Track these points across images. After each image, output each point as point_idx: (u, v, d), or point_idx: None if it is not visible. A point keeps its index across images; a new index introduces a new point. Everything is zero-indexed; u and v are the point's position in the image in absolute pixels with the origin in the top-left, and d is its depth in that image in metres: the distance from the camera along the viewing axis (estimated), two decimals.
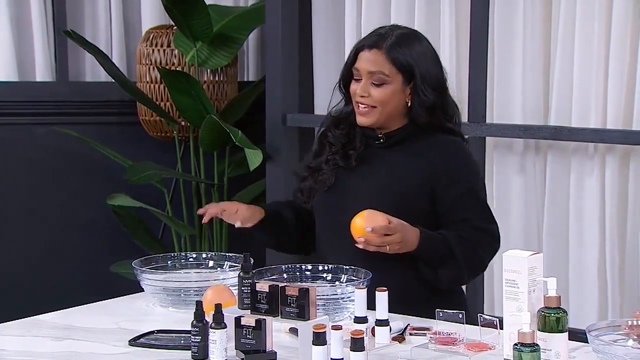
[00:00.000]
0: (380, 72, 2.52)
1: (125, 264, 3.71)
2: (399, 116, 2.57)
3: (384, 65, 2.52)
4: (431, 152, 2.55)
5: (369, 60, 2.53)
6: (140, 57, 4.06)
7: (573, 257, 3.45)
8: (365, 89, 2.53)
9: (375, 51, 2.52)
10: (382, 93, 2.52)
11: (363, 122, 2.56)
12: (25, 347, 2.20)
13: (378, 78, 2.52)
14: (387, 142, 2.59)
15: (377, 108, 2.54)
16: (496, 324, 2.08)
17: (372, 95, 2.53)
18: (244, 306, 2.26)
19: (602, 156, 3.38)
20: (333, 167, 2.62)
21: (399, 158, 2.57)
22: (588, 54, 3.35)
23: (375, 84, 2.53)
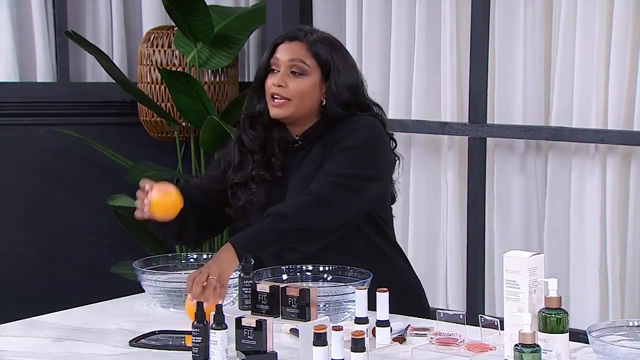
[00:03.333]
0: (301, 60, 2.49)
1: (126, 265, 3.71)
2: (312, 114, 2.52)
3: (305, 56, 2.49)
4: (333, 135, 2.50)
5: (289, 50, 2.50)
6: (141, 58, 4.06)
7: (574, 257, 3.44)
8: (282, 78, 2.49)
9: (296, 42, 2.51)
10: (300, 84, 2.48)
11: (277, 113, 2.49)
12: (26, 347, 2.20)
13: (299, 67, 2.48)
14: (305, 142, 2.54)
15: (292, 101, 2.48)
16: (497, 325, 2.08)
17: (289, 86, 2.48)
18: (244, 307, 2.26)
19: (602, 157, 3.38)
20: (261, 184, 2.53)
21: (318, 158, 2.51)
22: (589, 55, 3.35)
23: (294, 74, 2.49)
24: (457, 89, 3.62)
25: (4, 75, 4.13)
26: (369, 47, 3.76)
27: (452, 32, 3.59)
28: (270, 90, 2.50)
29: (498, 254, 3.56)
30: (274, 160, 2.53)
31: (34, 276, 4.14)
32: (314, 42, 2.51)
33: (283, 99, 2.48)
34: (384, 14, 3.74)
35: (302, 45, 2.50)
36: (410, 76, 3.70)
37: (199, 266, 2.63)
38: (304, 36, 2.52)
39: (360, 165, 2.44)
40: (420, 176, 3.69)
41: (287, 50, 2.50)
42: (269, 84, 2.51)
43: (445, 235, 3.67)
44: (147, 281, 2.49)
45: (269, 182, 2.52)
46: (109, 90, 4.16)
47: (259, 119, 2.56)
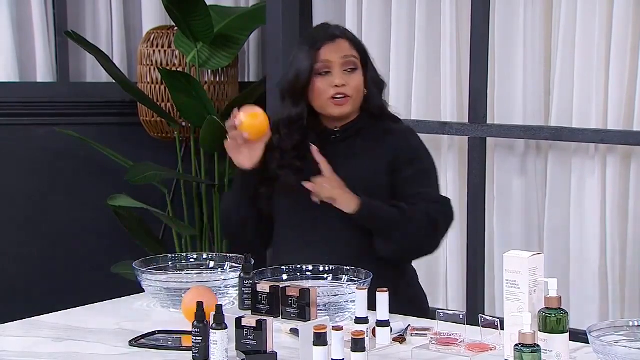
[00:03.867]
0: (352, 55, 2.58)
1: (126, 265, 3.71)
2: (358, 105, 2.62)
3: (352, 50, 2.59)
4: (389, 139, 2.61)
5: (337, 49, 2.58)
6: (141, 58, 4.06)
7: (574, 257, 3.44)
8: (342, 77, 2.56)
9: (339, 40, 2.59)
10: (356, 79, 2.59)
11: (342, 111, 2.58)
12: (26, 348, 2.20)
13: (352, 62, 2.58)
14: (343, 135, 2.61)
15: (352, 97, 2.57)
16: (497, 325, 2.08)
17: (348, 83, 2.57)
18: (244, 307, 2.26)
19: (603, 157, 3.38)
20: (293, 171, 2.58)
21: (355, 149, 2.60)
22: (589, 55, 3.35)
23: (349, 71, 2.57)
24: (457, 89, 3.62)
25: (4, 75, 4.13)
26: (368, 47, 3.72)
27: (452, 32, 3.59)
28: (330, 92, 2.56)
29: (498, 254, 3.56)
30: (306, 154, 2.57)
31: (34, 276, 4.14)
32: (351, 36, 2.63)
33: (345, 97, 2.57)
34: (384, 14, 3.74)
35: (345, 41, 2.60)
36: (410, 76, 3.70)
37: (198, 266, 2.64)
38: (342, 33, 2.61)
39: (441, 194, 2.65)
40: None
41: (334, 49, 2.58)
42: (324, 86, 2.57)
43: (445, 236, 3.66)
44: (147, 281, 2.49)
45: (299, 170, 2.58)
46: (109, 90, 4.16)
47: (298, 122, 2.60)
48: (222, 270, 2.59)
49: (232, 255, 2.63)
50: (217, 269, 2.61)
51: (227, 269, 2.59)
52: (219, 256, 2.66)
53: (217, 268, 2.62)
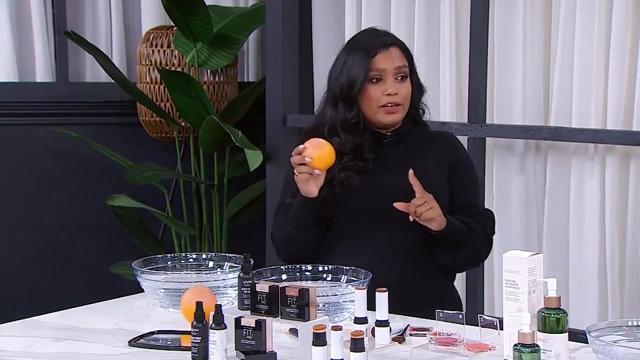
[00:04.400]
0: (404, 65, 2.62)
1: (125, 265, 3.71)
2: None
3: (403, 59, 2.62)
4: (440, 143, 2.69)
5: (392, 58, 2.60)
6: (140, 58, 4.06)
7: (573, 257, 3.44)
8: (394, 86, 2.59)
9: (393, 48, 2.62)
10: (407, 88, 2.62)
11: (394, 119, 2.62)
12: (25, 347, 2.20)
13: (404, 71, 2.61)
14: (395, 139, 2.65)
15: (403, 105, 2.61)
16: (496, 325, 2.08)
17: (400, 92, 2.60)
18: (244, 307, 2.26)
19: (602, 157, 3.38)
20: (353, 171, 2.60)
21: (409, 153, 2.64)
22: (588, 55, 3.35)
23: (400, 79, 2.60)
24: (456, 88, 3.62)
25: (3, 75, 4.13)
26: None
27: (451, 32, 3.59)
28: (382, 100, 2.59)
29: (497, 253, 3.55)
30: (366, 155, 2.62)
31: (33, 276, 4.14)
32: (402, 44, 2.65)
33: (397, 106, 2.60)
34: (383, 15, 3.74)
35: (397, 49, 2.63)
36: None
37: (198, 266, 2.64)
38: (394, 41, 2.64)
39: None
40: None
41: (389, 58, 2.60)
42: (377, 94, 2.59)
43: None
44: (146, 281, 2.49)
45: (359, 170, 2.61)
46: (109, 90, 4.16)
47: (356, 125, 2.61)
48: (221, 270, 2.59)
49: (231, 255, 2.63)
50: (216, 269, 2.61)
51: (226, 269, 2.60)
52: (218, 256, 2.66)
53: (216, 268, 2.62)
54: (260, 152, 3.51)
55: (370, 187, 2.59)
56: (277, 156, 3.79)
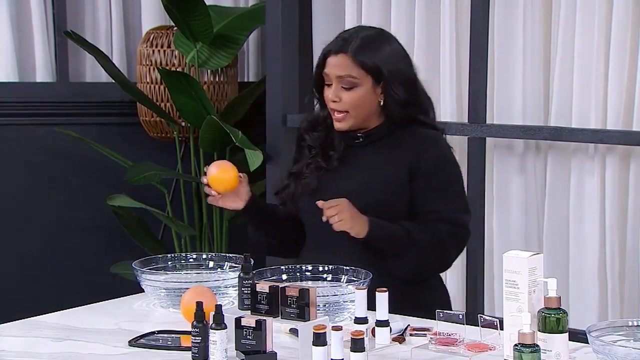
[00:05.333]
0: (349, 75, 2.55)
1: (125, 265, 3.71)
2: (375, 115, 2.60)
3: (351, 69, 2.54)
4: (408, 146, 2.59)
5: (336, 65, 2.55)
6: (140, 58, 4.06)
7: (573, 257, 3.44)
8: (336, 93, 2.56)
9: (341, 55, 2.55)
10: (353, 97, 2.55)
11: (340, 127, 2.59)
12: (25, 347, 2.20)
13: (347, 82, 2.55)
14: (366, 140, 2.62)
15: (350, 113, 2.57)
16: (496, 325, 2.08)
17: (343, 99, 2.55)
18: (244, 307, 2.26)
19: (602, 157, 3.38)
20: (315, 170, 2.63)
21: (378, 155, 2.60)
22: (588, 55, 3.35)
23: (345, 88, 2.55)
24: (456, 89, 3.62)
25: (3, 75, 4.13)
26: None
27: (451, 32, 3.59)
28: (329, 105, 2.58)
29: (497, 253, 3.56)
30: (332, 153, 2.62)
31: (33, 276, 4.14)
32: (357, 51, 2.54)
33: (342, 113, 2.56)
34: (383, 15, 3.74)
35: (346, 57, 2.55)
36: None
37: (198, 266, 2.64)
38: (348, 45, 2.55)
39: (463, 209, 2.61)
40: None
41: (334, 65, 2.56)
42: (327, 97, 2.59)
43: None
44: (146, 281, 2.49)
45: (323, 170, 2.62)
46: (109, 90, 4.16)
47: (322, 123, 2.64)
48: (221, 270, 2.59)
49: (231, 255, 2.63)
50: (217, 269, 2.61)
51: (226, 269, 2.60)
52: (219, 256, 2.66)
53: (216, 268, 2.62)
54: (260, 152, 3.51)
55: (328, 188, 2.59)
56: (277, 156, 3.78)
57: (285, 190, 2.69)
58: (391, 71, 2.55)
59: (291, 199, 2.66)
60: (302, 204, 2.65)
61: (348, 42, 2.56)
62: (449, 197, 2.57)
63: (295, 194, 2.65)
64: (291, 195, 2.66)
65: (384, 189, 2.55)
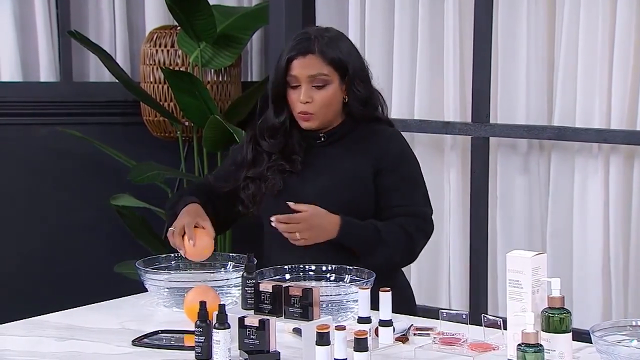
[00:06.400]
0: (320, 74, 2.55)
1: (128, 264, 3.71)
2: (338, 114, 2.61)
3: (322, 67, 2.56)
4: (371, 143, 2.60)
5: (307, 66, 2.55)
6: (144, 58, 4.06)
7: (577, 257, 3.44)
8: (308, 94, 2.55)
9: (310, 56, 2.56)
10: (325, 95, 2.56)
11: (309, 126, 2.59)
12: (29, 347, 2.20)
13: (320, 80, 2.56)
14: (328, 139, 2.63)
15: (320, 111, 2.57)
16: (500, 325, 2.08)
17: (315, 99, 2.56)
18: (247, 306, 2.26)
19: (606, 156, 3.37)
20: (278, 172, 2.62)
21: (341, 154, 2.61)
22: (592, 54, 3.35)
23: (317, 87, 2.56)
24: (460, 88, 3.62)
25: (7, 75, 4.14)
26: (371, 47, 3.76)
27: (455, 31, 3.59)
28: (298, 108, 2.57)
29: (501, 253, 3.55)
30: (294, 157, 2.61)
31: (37, 276, 4.14)
32: (325, 48, 2.56)
33: (311, 113, 2.57)
34: (387, 14, 3.74)
35: (316, 57, 2.55)
36: (413, 76, 3.69)
37: (201, 266, 2.63)
38: (315, 45, 2.56)
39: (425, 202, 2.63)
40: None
41: (303, 66, 2.55)
42: (294, 100, 2.57)
43: (448, 235, 3.67)
44: (150, 280, 2.49)
45: (285, 171, 2.61)
46: (112, 90, 4.16)
47: (281, 129, 2.62)
48: (224, 269, 2.59)
49: (234, 255, 2.63)
50: (220, 268, 2.61)
51: (229, 268, 2.60)
52: (222, 256, 2.65)
53: (219, 267, 2.62)
54: None
55: (293, 190, 2.59)
56: None
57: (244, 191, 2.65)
58: (354, 67, 2.59)
59: (252, 200, 2.64)
60: (266, 205, 2.62)
61: (313, 42, 2.57)
62: (413, 192, 2.60)
63: (258, 194, 2.63)
64: (251, 196, 2.64)
65: (348, 188, 2.57)
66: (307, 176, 2.60)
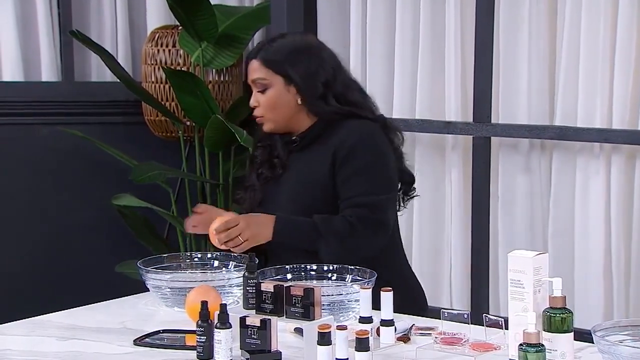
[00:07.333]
0: (259, 78, 2.63)
1: (130, 264, 3.71)
2: (302, 115, 2.64)
3: (260, 71, 2.63)
4: (333, 140, 2.61)
5: (250, 71, 2.66)
6: (145, 57, 4.06)
7: (578, 257, 3.44)
8: (254, 98, 2.65)
9: (252, 61, 2.66)
10: (267, 98, 2.63)
11: (267, 129, 2.66)
12: (30, 346, 2.20)
13: (260, 84, 2.64)
14: (302, 142, 2.65)
15: (267, 115, 2.63)
16: (501, 324, 2.08)
17: (260, 103, 2.64)
18: (249, 306, 2.26)
19: (607, 156, 3.37)
20: (262, 182, 2.68)
21: (310, 157, 2.64)
22: (593, 54, 3.35)
23: (260, 92, 2.63)
24: (461, 88, 3.62)
25: (9, 74, 4.14)
26: (373, 46, 3.76)
27: (456, 31, 3.59)
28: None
29: (502, 253, 3.55)
30: (276, 160, 2.67)
31: (38, 276, 4.14)
32: (265, 53, 2.64)
33: (260, 116, 2.65)
34: (388, 13, 3.74)
35: (256, 62, 2.65)
36: (414, 75, 3.70)
37: (203, 266, 2.64)
38: (258, 50, 2.66)
39: (378, 189, 2.57)
40: (424, 176, 3.69)
41: (249, 71, 2.67)
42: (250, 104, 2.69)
43: (449, 235, 3.67)
44: (151, 280, 2.49)
45: (269, 179, 2.67)
46: (114, 90, 4.16)
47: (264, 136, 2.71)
48: (226, 269, 2.59)
49: (236, 255, 2.62)
50: (222, 268, 2.61)
51: (231, 268, 2.59)
52: (223, 255, 2.65)
53: (221, 267, 2.62)
54: None
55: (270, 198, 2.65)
56: None
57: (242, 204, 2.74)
58: (301, 68, 2.61)
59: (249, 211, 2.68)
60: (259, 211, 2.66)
61: (258, 48, 2.67)
62: (363, 182, 2.57)
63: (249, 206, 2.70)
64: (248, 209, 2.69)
65: (312, 190, 2.59)
66: (283, 182, 2.65)
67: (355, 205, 2.55)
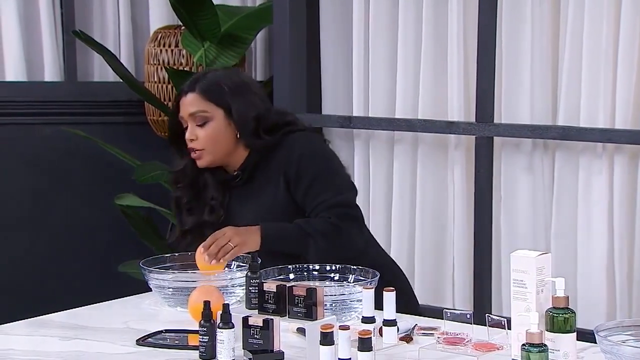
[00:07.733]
0: (200, 110, 2.61)
1: (133, 264, 3.71)
2: (239, 148, 2.64)
3: (200, 104, 2.61)
4: (277, 162, 2.63)
5: (188, 104, 2.62)
6: (148, 57, 4.06)
7: (581, 257, 3.44)
8: (192, 132, 2.62)
9: (191, 94, 2.63)
10: (208, 132, 2.61)
11: (202, 164, 2.65)
12: (34, 346, 2.20)
13: (200, 118, 2.61)
14: (245, 175, 2.66)
15: (207, 149, 2.62)
16: (504, 324, 2.08)
17: (199, 137, 2.61)
18: (251, 306, 2.26)
19: (610, 156, 3.37)
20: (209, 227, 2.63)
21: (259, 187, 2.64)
22: (596, 54, 3.35)
23: (199, 125, 2.61)
24: (464, 88, 3.61)
25: (12, 74, 4.14)
26: (375, 47, 3.76)
27: (459, 31, 3.59)
28: (189, 145, 2.63)
29: (505, 253, 3.55)
30: (213, 202, 2.66)
31: (41, 275, 4.15)
32: (204, 86, 2.62)
33: (199, 151, 2.62)
34: (391, 13, 3.74)
35: (195, 94, 2.62)
36: (417, 75, 3.69)
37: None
38: (196, 83, 2.63)
39: (343, 188, 2.62)
40: (427, 176, 3.69)
41: (185, 104, 2.63)
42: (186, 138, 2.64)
43: (452, 235, 3.67)
44: (154, 280, 2.49)
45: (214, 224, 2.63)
46: (116, 90, 4.16)
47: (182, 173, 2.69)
48: (228, 269, 2.59)
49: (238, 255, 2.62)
50: (224, 268, 2.61)
51: (233, 268, 2.60)
52: None
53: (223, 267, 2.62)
54: None
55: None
56: None
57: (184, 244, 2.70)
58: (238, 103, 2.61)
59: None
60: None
61: (196, 81, 2.64)
62: (325, 186, 2.59)
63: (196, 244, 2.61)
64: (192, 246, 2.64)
65: (274, 215, 2.59)
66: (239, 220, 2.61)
67: (329, 207, 2.57)
